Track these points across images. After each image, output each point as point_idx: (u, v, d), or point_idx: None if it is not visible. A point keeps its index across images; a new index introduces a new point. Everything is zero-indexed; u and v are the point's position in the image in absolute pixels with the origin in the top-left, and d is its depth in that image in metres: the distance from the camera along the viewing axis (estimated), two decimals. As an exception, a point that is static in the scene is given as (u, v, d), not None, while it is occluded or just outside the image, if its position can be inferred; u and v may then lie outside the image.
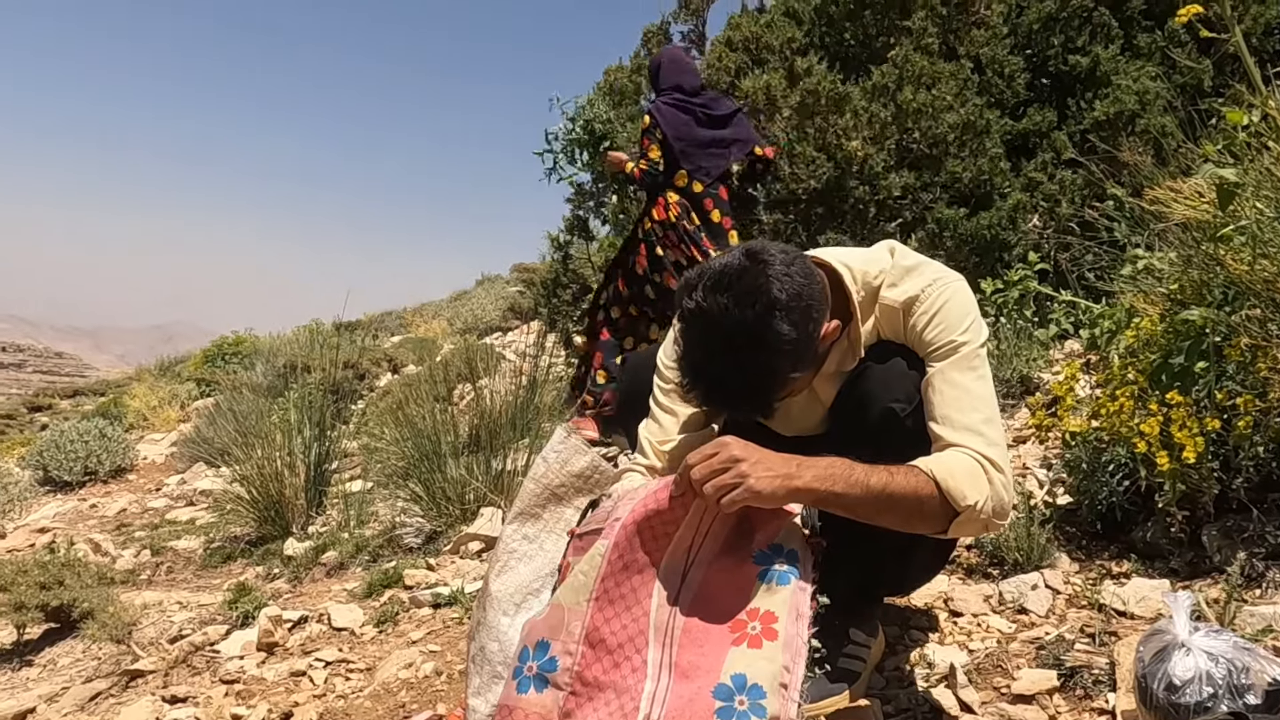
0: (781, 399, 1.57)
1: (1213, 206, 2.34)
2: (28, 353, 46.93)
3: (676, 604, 1.45)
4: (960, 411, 1.55)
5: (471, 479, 3.57)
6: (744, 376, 1.48)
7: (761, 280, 1.47)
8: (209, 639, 2.80)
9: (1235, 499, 2.12)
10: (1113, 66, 5.22)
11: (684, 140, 4.39)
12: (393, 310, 16.04)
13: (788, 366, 1.49)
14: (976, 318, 1.63)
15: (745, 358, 1.47)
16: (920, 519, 1.50)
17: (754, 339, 1.45)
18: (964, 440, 1.53)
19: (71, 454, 7.20)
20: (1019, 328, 3.86)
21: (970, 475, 1.49)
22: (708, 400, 1.57)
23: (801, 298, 1.48)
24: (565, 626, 1.44)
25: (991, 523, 1.52)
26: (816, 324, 1.52)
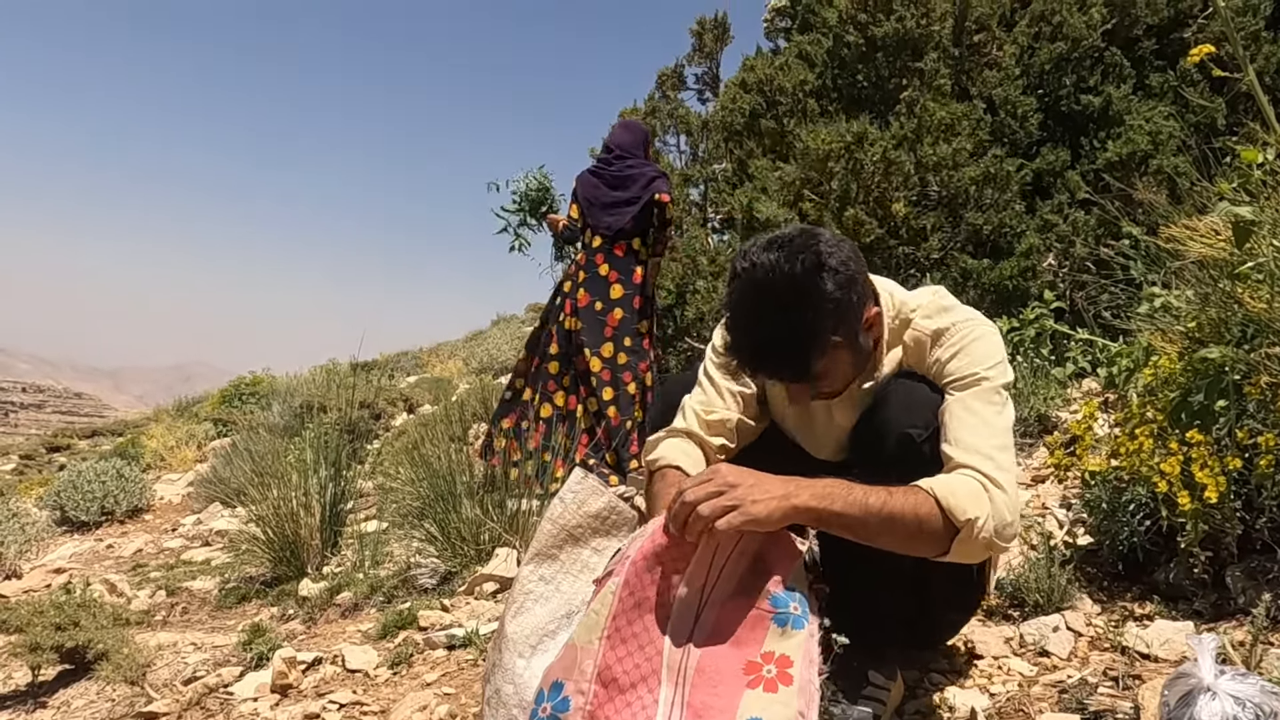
0: (823, 374, 1.60)
1: (1229, 244, 2.34)
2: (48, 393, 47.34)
3: (690, 643, 1.44)
4: (973, 435, 1.55)
5: (486, 519, 3.56)
6: (788, 328, 1.53)
7: (811, 243, 1.55)
8: (223, 680, 2.79)
9: (1259, 539, 2.09)
10: (1125, 106, 5.25)
11: (589, 200, 4.89)
12: (408, 350, 16.13)
13: (830, 325, 1.53)
14: (1004, 361, 1.66)
15: (791, 311, 1.52)
16: (920, 538, 1.50)
17: (800, 291, 1.52)
18: (971, 461, 1.53)
19: (89, 494, 7.22)
20: (1036, 366, 3.85)
21: (972, 494, 1.50)
22: (751, 358, 1.60)
23: (848, 265, 1.55)
24: (578, 665, 1.43)
25: (994, 543, 1.51)
26: (861, 297, 1.59)
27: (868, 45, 5.61)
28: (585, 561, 1.77)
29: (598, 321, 4.65)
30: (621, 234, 4.73)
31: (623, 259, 4.75)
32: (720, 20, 8.43)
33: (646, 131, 5.03)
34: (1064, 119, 5.63)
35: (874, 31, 5.52)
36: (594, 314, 4.67)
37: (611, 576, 1.49)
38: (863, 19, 5.55)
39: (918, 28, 5.40)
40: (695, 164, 7.58)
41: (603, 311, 4.66)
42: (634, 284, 4.77)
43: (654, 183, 4.72)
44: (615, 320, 4.65)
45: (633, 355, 4.65)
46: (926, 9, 5.40)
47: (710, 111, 7.81)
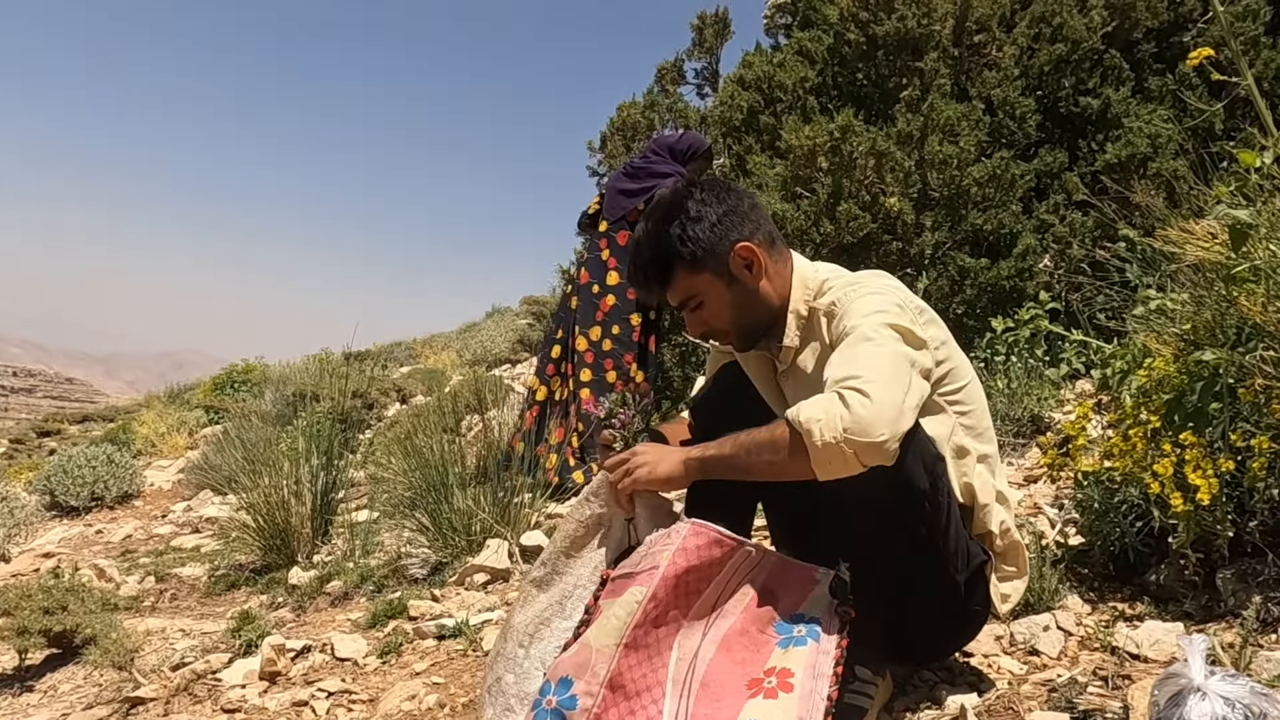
0: (690, 296, 1.81)
1: (1225, 248, 2.34)
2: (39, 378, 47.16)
3: (696, 659, 1.47)
4: (840, 369, 1.57)
5: (478, 510, 3.55)
6: (646, 233, 1.82)
7: (700, 180, 1.89)
8: (211, 667, 2.78)
9: (1250, 542, 2.10)
10: (1124, 109, 5.25)
11: (608, 186, 5.03)
12: (402, 341, 16.08)
13: (678, 233, 1.76)
14: (887, 310, 1.66)
15: (653, 220, 1.82)
16: (780, 458, 1.55)
17: (666, 205, 1.82)
18: (831, 387, 1.55)
19: (79, 479, 7.20)
20: (1030, 367, 3.85)
21: (819, 401, 1.53)
22: (631, 275, 1.91)
23: (721, 200, 1.80)
24: (591, 667, 1.45)
25: (851, 439, 1.46)
26: (725, 224, 1.78)
27: (868, 43, 5.59)
28: (573, 536, 1.80)
29: (592, 304, 4.65)
30: (624, 221, 4.72)
31: (624, 247, 4.72)
32: (721, 15, 8.43)
33: (695, 141, 4.92)
34: (1063, 120, 5.63)
35: (875, 30, 5.50)
36: (590, 295, 4.67)
37: (635, 582, 1.51)
38: (864, 17, 5.54)
39: (919, 27, 5.39)
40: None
41: (598, 295, 4.66)
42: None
43: (665, 179, 4.71)
44: (607, 306, 4.64)
45: (618, 344, 4.63)
46: (928, 9, 5.39)
47: (709, 107, 7.81)
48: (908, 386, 1.54)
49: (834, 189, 4.84)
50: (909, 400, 1.53)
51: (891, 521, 1.62)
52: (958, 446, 1.78)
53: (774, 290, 1.83)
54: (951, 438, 1.77)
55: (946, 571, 1.73)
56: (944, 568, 1.73)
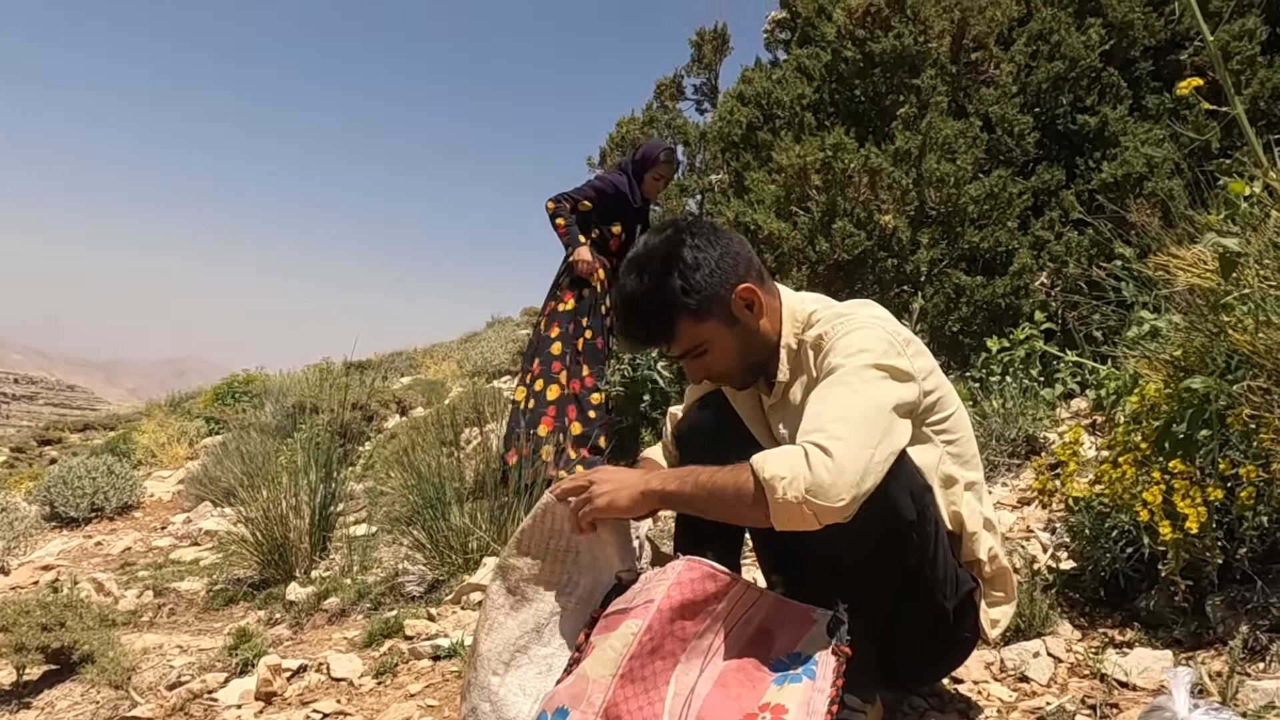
0: (694, 345, 1.76)
1: (1216, 274, 2.35)
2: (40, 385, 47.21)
3: (692, 694, 1.48)
4: (813, 419, 1.57)
5: (475, 528, 3.56)
6: (646, 289, 1.72)
7: (683, 223, 1.79)
8: (207, 687, 2.79)
9: (1240, 569, 2.11)
10: (1121, 127, 5.27)
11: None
12: (403, 350, 16.10)
13: (680, 285, 1.70)
14: (875, 349, 1.65)
15: (648, 273, 1.72)
16: (740, 506, 1.55)
17: (658, 256, 1.73)
18: (801, 439, 1.54)
19: (79, 490, 7.21)
20: (1025, 386, 3.86)
21: (785, 459, 1.52)
22: (620, 323, 1.82)
23: (713, 244, 1.74)
24: (587, 697, 1.46)
25: (810, 502, 1.47)
26: (723, 268, 1.73)
27: (865, 61, 5.62)
28: (541, 564, 1.78)
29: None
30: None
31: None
32: (720, 31, 8.47)
33: (647, 149, 5.11)
34: (1060, 138, 5.65)
35: (872, 47, 5.53)
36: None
37: (630, 616, 1.52)
38: (861, 35, 5.57)
39: (915, 45, 5.42)
40: (692, 174, 7.61)
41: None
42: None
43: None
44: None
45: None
46: (925, 26, 5.42)
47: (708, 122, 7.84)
48: (878, 440, 1.54)
49: (828, 207, 4.87)
50: (878, 455, 1.52)
51: (881, 552, 1.63)
52: (945, 475, 1.79)
53: (771, 327, 1.82)
54: (940, 466, 1.78)
55: (935, 599, 1.75)
56: (933, 595, 1.74)
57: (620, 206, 5.06)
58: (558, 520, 1.76)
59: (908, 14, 5.54)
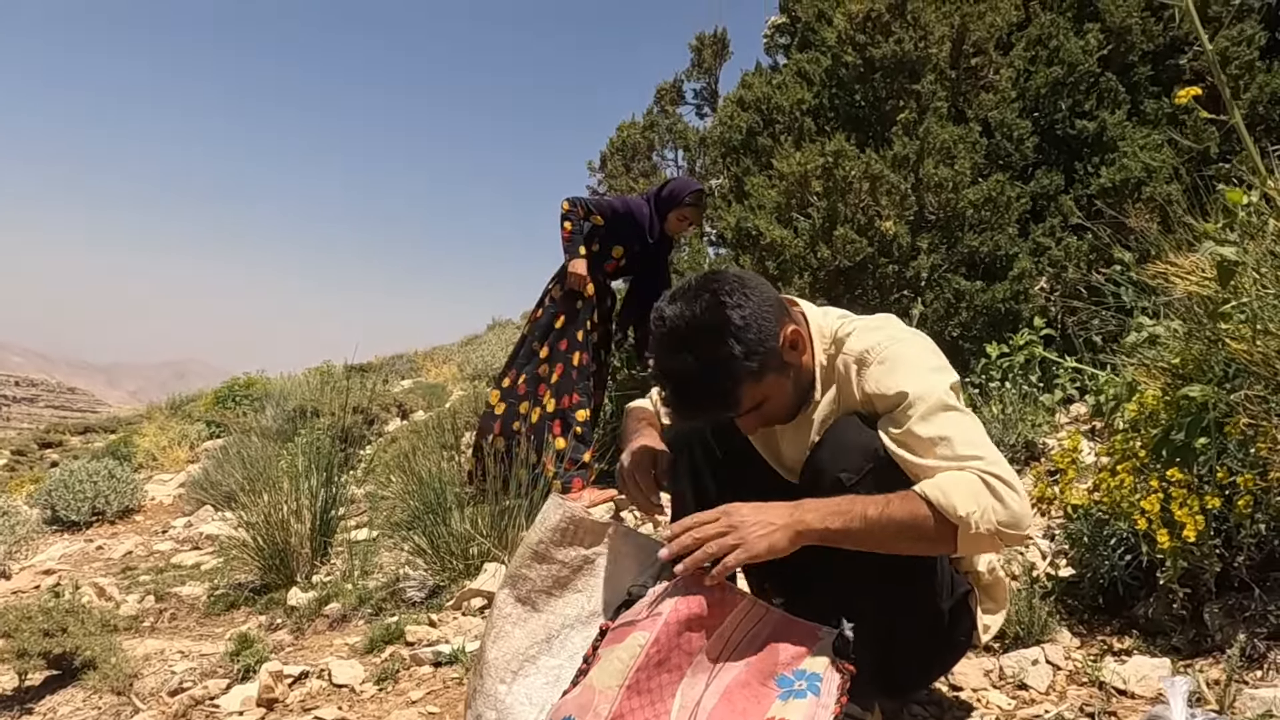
0: (756, 404, 1.68)
1: (1214, 282, 2.37)
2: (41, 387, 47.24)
3: (698, 707, 1.48)
4: (948, 447, 1.56)
5: (475, 533, 3.57)
6: (702, 367, 1.60)
7: (709, 284, 1.64)
8: (209, 693, 2.80)
9: (1237, 577, 2.12)
10: (1120, 132, 5.28)
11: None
12: (404, 353, 16.13)
13: (740, 351, 1.59)
14: (940, 365, 1.67)
15: (700, 349, 1.60)
16: (925, 541, 1.53)
17: (704, 328, 1.60)
18: (956, 463, 1.54)
19: (80, 494, 7.22)
20: (1024, 392, 3.87)
21: (966, 487, 1.51)
22: (680, 406, 1.69)
23: (749, 297, 1.62)
24: (594, 708, 1.46)
25: (1002, 534, 1.51)
26: (769, 320, 1.64)
27: (865, 66, 5.63)
28: (556, 576, 1.79)
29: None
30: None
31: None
32: (720, 36, 8.48)
33: (677, 187, 5.02)
34: (1059, 143, 5.66)
35: (872, 53, 5.54)
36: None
37: (638, 628, 1.52)
38: (861, 40, 5.58)
39: (915, 50, 5.43)
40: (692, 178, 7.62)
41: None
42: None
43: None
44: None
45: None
46: (925, 32, 5.43)
47: (708, 126, 7.85)
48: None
49: (829, 213, 4.88)
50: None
51: (882, 558, 1.64)
52: None
53: (809, 356, 1.78)
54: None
55: (933, 603, 1.75)
56: (931, 599, 1.74)
57: (630, 232, 4.96)
58: (578, 533, 1.77)
59: (908, 19, 5.55)
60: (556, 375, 4.84)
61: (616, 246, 4.97)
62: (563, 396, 4.80)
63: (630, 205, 4.96)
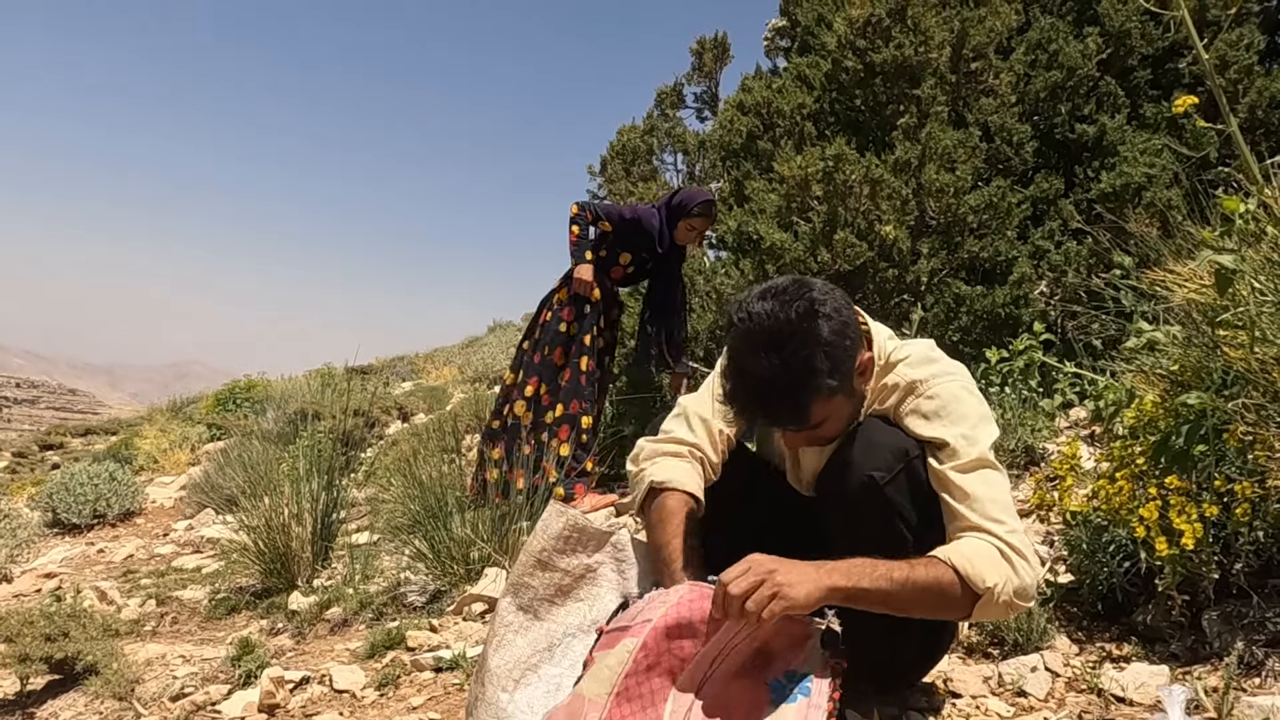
0: (820, 421, 1.65)
1: (1212, 290, 2.37)
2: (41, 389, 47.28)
3: (690, 713, 1.48)
4: (978, 502, 1.60)
5: (476, 538, 3.58)
6: (786, 372, 1.56)
7: (805, 290, 1.60)
8: (210, 698, 2.81)
9: (1236, 584, 2.12)
10: (1119, 136, 5.30)
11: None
12: (405, 355, 16.15)
13: (825, 368, 1.56)
14: (986, 417, 1.70)
15: (787, 353, 1.55)
16: (944, 606, 1.57)
17: (796, 334, 1.56)
18: (984, 525, 1.58)
19: (81, 497, 7.23)
20: (1024, 397, 3.88)
21: (989, 559, 1.55)
22: (749, 405, 1.63)
23: (840, 312, 1.61)
24: (584, 716, 1.46)
25: (1014, 604, 1.58)
26: (854, 342, 1.63)
27: (866, 71, 5.65)
28: (559, 584, 1.80)
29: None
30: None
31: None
32: (720, 40, 8.49)
33: (686, 197, 4.92)
34: (1059, 147, 5.68)
35: (872, 57, 5.56)
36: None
37: (628, 634, 1.53)
38: (861, 44, 5.60)
39: (916, 55, 5.44)
40: (692, 182, 7.63)
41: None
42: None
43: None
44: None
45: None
46: (925, 36, 5.44)
47: (708, 130, 7.86)
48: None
49: (829, 217, 4.89)
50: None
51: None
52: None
53: (871, 381, 1.77)
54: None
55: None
56: None
57: (639, 240, 4.91)
58: (581, 540, 1.77)
59: (908, 24, 5.57)
60: (565, 380, 4.84)
61: (624, 253, 4.93)
62: (571, 402, 4.79)
63: (640, 214, 4.91)
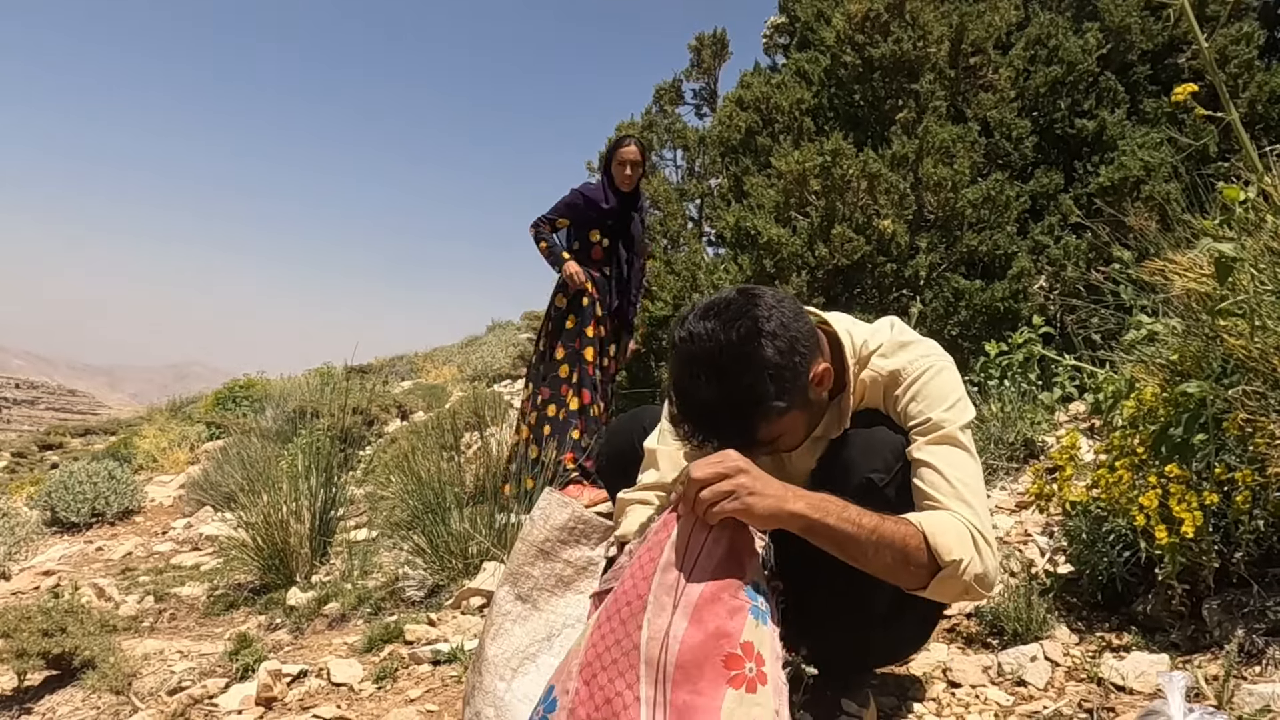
0: (772, 438, 1.58)
1: (1212, 279, 2.36)
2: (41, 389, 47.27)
3: (668, 636, 1.38)
4: (949, 485, 1.58)
5: (475, 532, 3.57)
6: (728, 399, 1.50)
7: (748, 308, 1.53)
8: (208, 692, 2.80)
9: (1236, 573, 2.11)
10: (1119, 131, 5.29)
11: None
12: (404, 355, 16.15)
13: (771, 391, 1.50)
14: (961, 398, 1.67)
15: (729, 380, 1.49)
16: (904, 569, 1.51)
17: (738, 358, 1.49)
18: (955, 506, 1.56)
19: (79, 495, 7.23)
20: (1023, 391, 3.87)
21: (958, 535, 1.52)
22: (694, 425, 1.57)
23: (787, 328, 1.53)
24: (568, 667, 1.43)
25: (973, 588, 1.54)
26: (804, 357, 1.55)
27: (864, 66, 5.64)
28: (560, 575, 1.79)
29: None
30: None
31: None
32: (719, 36, 8.49)
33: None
34: (1058, 142, 5.67)
35: (871, 52, 5.55)
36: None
37: (610, 593, 1.50)
38: (860, 40, 5.59)
39: (914, 50, 5.44)
40: (692, 179, 7.63)
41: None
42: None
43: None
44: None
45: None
46: (923, 32, 5.43)
47: (707, 127, 7.86)
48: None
49: (827, 212, 4.88)
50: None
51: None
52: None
53: (825, 389, 1.67)
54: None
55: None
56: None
57: (594, 213, 5.04)
58: (585, 532, 1.76)
59: (907, 19, 5.56)
60: (576, 375, 4.91)
61: (592, 231, 5.08)
62: (583, 391, 4.87)
63: (582, 189, 5.11)
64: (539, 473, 4.28)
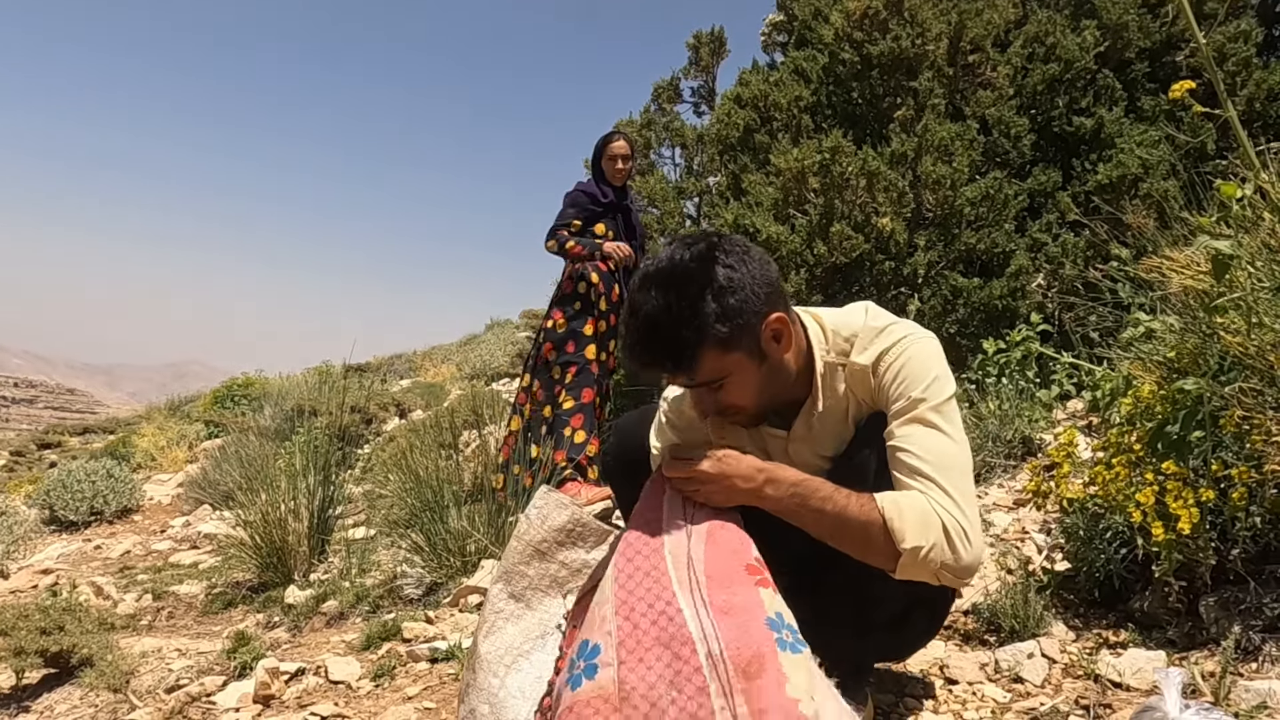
0: (716, 377, 1.57)
1: (1209, 276, 2.36)
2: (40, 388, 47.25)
3: (690, 558, 1.45)
4: (922, 463, 1.54)
5: (473, 530, 3.57)
6: (669, 309, 1.50)
7: (713, 237, 1.57)
8: (206, 690, 2.80)
9: (1233, 570, 2.12)
10: (1116, 129, 5.29)
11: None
12: (402, 353, 16.15)
13: (715, 310, 1.50)
14: (940, 374, 1.62)
15: (674, 290, 1.51)
16: (869, 551, 1.51)
17: (687, 272, 1.52)
18: (924, 488, 1.52)
19: (78, 494, 7.22)
20: (1021, 388, 3.87)
21: (920, 518, 1.49)
22: (634, 341, 1.56)
23: (745, 263, 1.54)
24: (599, 616, 1.42)
25: (942, 574, 1.50)
26: (757, 297, 1.54)
27: (863, 63, 5.64)
28: (554, 576, 1.79)
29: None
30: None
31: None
32: (717, 34, 8.48)
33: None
34: (1056, 140, 5.67)
35: (869, 50, 5.55)
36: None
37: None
38: (858, 37, 5.59)
39: (913, 47, 5.43)
40: (690, 177, 7.63)
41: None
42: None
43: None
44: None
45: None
46: (922, 29, 5.43)
47: (705, 125, 7.86)
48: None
49: (825, 209, 4.88)
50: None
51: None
52: None
53: (794, 361, 1.67)
54: None
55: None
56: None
57: (595, 208, 5.07)
58: (583, 535, 1.76)
59: (905, 17, 5.56)
60: (570, 375, 4.89)
61: (598, 225, 5.08)
62: (583, 390, 4.85)
63: (581, 188, 5.13)
64: (536, 470, 4.27)
